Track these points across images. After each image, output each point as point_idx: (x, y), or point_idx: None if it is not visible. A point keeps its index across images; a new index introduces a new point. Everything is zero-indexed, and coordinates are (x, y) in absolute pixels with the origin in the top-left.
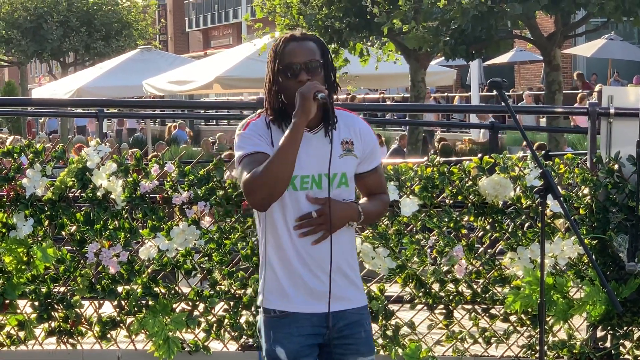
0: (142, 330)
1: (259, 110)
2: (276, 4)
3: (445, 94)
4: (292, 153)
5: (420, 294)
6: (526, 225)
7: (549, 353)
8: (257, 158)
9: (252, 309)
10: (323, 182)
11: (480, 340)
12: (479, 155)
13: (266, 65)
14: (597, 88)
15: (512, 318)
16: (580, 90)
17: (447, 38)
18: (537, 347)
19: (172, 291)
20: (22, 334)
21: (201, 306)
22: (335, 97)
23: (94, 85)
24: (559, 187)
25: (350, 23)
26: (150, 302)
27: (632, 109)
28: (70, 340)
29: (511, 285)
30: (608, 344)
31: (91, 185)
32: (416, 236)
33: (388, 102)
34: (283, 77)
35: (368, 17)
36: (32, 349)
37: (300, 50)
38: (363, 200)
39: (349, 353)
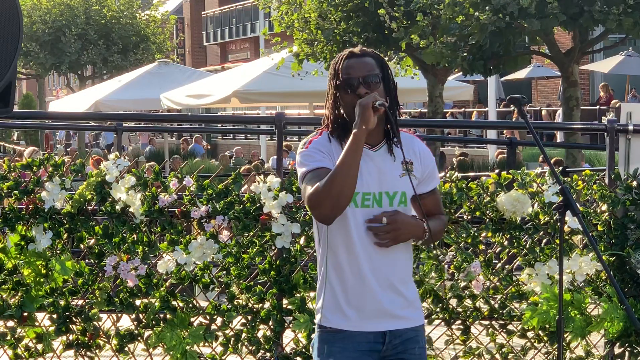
0: (160, 344)
1: (319, 129)
2: (294, 18)
3: (463, 109)
4: (354, 164)
5: (438, 310)
6: (544, 241)
7: None
8: (320, 173)
9: (270, 323)
10: (384, 200)
11: (497, 356)
12: (497, 171)
13: (327, 84)
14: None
15: (530, 334)
16: (598, 107)
17: (465, 53)
18: None
19: (190, 305)
20: (40, 346)
21: (219, 320)
22: (398, 112)
23: (112, 98)
24: (577, 204)
25: (368, 38)
26: (168, 316)
27: None
28: (88, 353)
29: (529, 302)
30: None
31: (110, 199)
32: (434, 251)
33: (405, 117)
34: (342, 92)
35: (386, 32)
36: None
37: (358, 65)
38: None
39: None
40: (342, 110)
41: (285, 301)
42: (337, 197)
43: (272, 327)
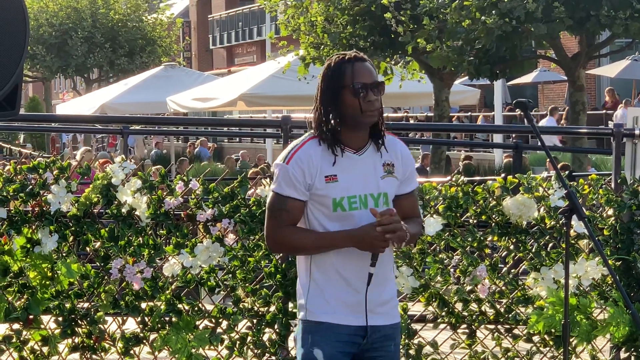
0: (165, 347)
1: (307, 134)
2: (301, 22)
3: (469, 113)
4: (324, 250)
5: (443, 313)
6: (550, 245)
7: None
8: (288, 208)
9: (275, 326)
10: (369, 202)
11: None
12: (503, 175)
13: (318, 87)
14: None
15: (535, 338)
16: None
17: (472, 57)
18: None
19: (196, 308)
20: (45, 349)
21: (224, 323)
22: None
23: (118, 101)
24: (583, 208)
25: (374, 42)
26: (173, 319)
27: None
28: (94, 356)
29: (534, 306)
30: None
31: (116, 202)
32: (440, 255)
33: (411, 121)
34: (349, 94)
35: (392, 36)
36: None
37: (365, 70)
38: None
39: None
40: (334, 116)
41: (290, 305)
42: (293, 254)
43: (277, 330)
